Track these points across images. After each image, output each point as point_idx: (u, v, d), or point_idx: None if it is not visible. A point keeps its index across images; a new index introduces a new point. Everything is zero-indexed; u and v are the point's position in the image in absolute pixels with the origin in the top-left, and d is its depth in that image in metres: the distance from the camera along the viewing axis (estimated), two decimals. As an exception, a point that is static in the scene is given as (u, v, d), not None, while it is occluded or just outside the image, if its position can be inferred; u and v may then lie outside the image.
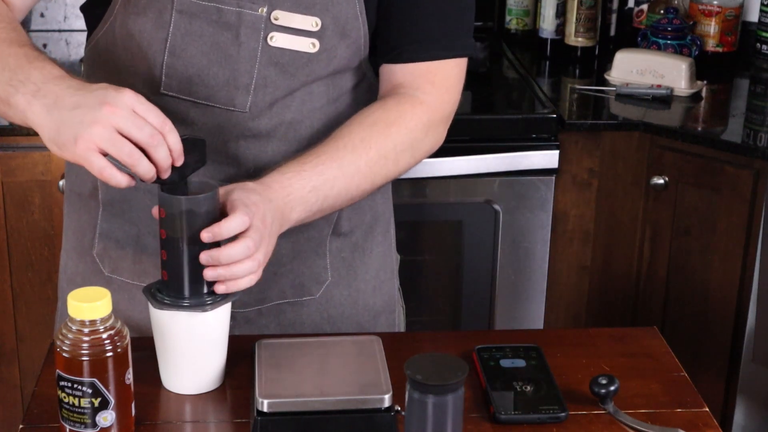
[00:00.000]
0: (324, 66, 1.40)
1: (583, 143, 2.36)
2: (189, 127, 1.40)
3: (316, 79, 1.41)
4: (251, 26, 1.36)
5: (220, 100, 1.39)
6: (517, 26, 2.85)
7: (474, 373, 1.30)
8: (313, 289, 1.51)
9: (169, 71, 1.38)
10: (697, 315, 2.39)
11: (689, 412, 1.25)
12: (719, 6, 2.70)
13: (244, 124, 1.40)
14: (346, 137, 1.38)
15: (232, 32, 1.36)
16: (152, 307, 1.22)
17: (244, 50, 1.37)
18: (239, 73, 1.37)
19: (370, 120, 1.40)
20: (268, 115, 1.40)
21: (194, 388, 1.26)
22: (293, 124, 1.42)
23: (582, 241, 2.43)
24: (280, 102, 1.40)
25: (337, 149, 1.37)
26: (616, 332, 1.43)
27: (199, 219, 1.19)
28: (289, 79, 1.39)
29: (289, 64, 1.38)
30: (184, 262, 1.20)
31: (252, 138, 1.41)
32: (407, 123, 1.42)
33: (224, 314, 1.24)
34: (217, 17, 1.36)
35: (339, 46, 1.40)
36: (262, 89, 1.39)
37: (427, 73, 1.44)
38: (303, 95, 1.42)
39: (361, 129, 1.39)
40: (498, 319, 2.46)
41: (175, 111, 1.38)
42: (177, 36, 1.36)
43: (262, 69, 1.38)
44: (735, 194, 2.26)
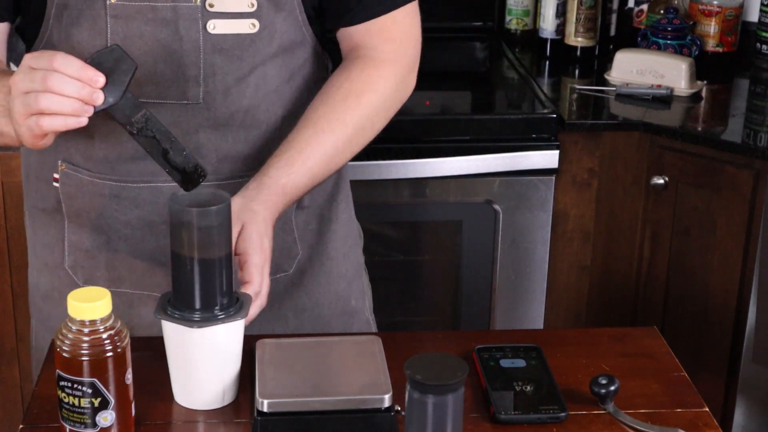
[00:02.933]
0: (267, 44, 1.41)
1: (583, 143, 2.36)
2: None
3: (264, 59, 1.42)
4: (188, 18, 1.37)
5: (172, 96, 1.39)
6: (517, 26, 2.85)
7: (474, 373, 1.30)
8: (286, 265, 1.53)
9: None
10: (697, 315, 2.39)
11: (689, 412, 1.25)
12: (719, 6, 2.70)
13: (201, 115, 1.41)
14: (322, 119, 1.41)
15: (170, 27, 1.37)
16: (162, 320, 1.21)
17: (186, 43, 1.37)
18: (186, 66, 1.38)
19: (340, 94, 1.43)
20: (224, 104, 1.41)
21: (205, 403, 1.24)
22: (250, 110, 1.43)
23: (582, 241, 2.43)
24: (234, 89, 1.41)
25: (316, 133, 1.40)
26: (616, 332, 1.43)
27: (211, 231, 1.18)
28: (236, 62, 1.40)
29: (233, 48, 1.39)
30: (195, 276, 1.19)
31: (210, 128, 1.42)
32: (376, 88, 1.45)
33: (236, 330, 1.23)
34: (152, 15, 1.36)
35: (276, 20, 1.41)
36: (211, 78, 1.39)
37: (382, 30, 1.46)
38: (257, 80, 1.42)
39: (334, 106, 1.42)
40: (498, 319, 2.45)
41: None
42: (116, 41, 1.36)
43: (208, 58, 1.38)
44: (735, 194, 2.26)
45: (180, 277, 1.20)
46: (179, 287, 1.20)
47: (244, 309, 1.22)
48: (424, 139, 2.28)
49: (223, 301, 1.21)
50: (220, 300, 1.20)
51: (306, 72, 1.49)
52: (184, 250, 1.18)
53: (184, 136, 1.41)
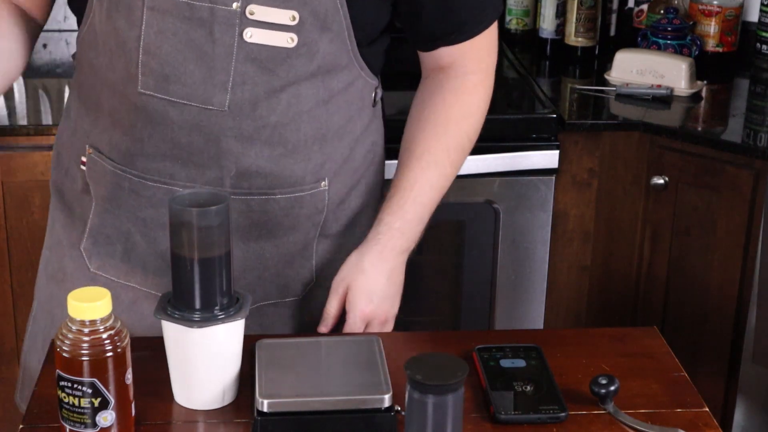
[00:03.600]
0: (306, 62, 1.37)
1: (583, 143, 2.36)
2: (168, 126, 1.38)
3: (300, 77, 1.38)
4: (225, 22, 1.33)
5: (198, 99, 1.36)
6: (517, 26, 2.85)
7: (474, 373, 1.30)
8: (298, 291, 1.51)
9: (145, 69, 1.35)
10: (697, 315, 2.39)
11: (689, 412, 1.25)
12: (719, 6, 2.70)
13: (224, 124, 1.38)
14: (426, 153, 1.46)
15: (205, 29, 1.33)
16: (162, 320, 1.21)
17: (219, 47, 1.34)
18: (215, 71, 1.35)
19: (440, 124, 1.46)
20: (251, 116, 1.38)
21: (205, 403, 1.24)
22: (278, 126, 1.39)
23: (582, 241, 2.43)
24: (263, 103, 1.38)
25: (422, 169, 1.46)
26: (616, 332, 1.43)
27: (211, 231, 1.18)
28: (268, 75, 1.36)
29: (267, 61, 1.35)
30: (195, 275, 1.19)
31: (233, 139, 1.38)
32: (473, 111, 1.50)
33: (236, 330, 1.22)
34: (189, 14, 1.33)
35: (320, 40, 1.36)
36: (240, 87, 1.36)
37: (470, 50, 1.47)
38: (289, 97, 1.38)
39: (436, 137, 1.45)
40: (498, 319, 2.45)
41: (153, 110, 1.37)
42: (150, 34, 1.34)
43: (239, 66, 1.35)
44: (735, 194, 2.26)
45: (180, 277, 1.20)
46: (179, 287, 1.20)
47: (244, 309, 1.22)
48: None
49: (223, 301, 1.21)
50: (220, 300, 1.20)
51: (348, 97, 1.45)
52: (184, 250, 1.18)
53: (206, 142, 1.38)
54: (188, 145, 1.39)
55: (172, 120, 1.38)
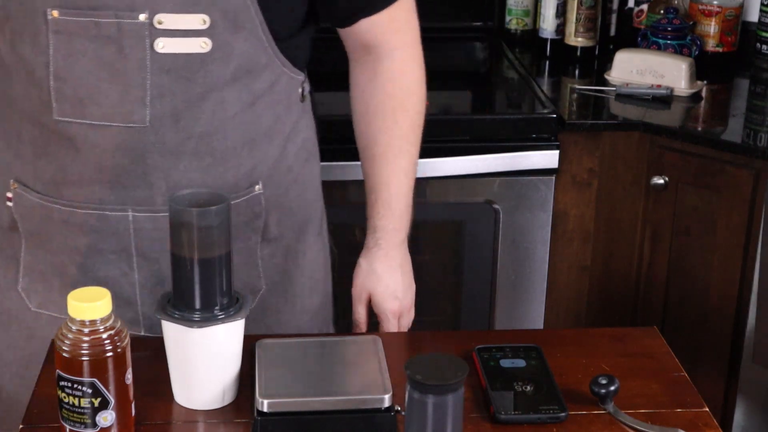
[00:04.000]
0: (222, 66, 1.33)
1: (583, 143, 2.36)
2: (91, 150, 1.34)
3: (219, 82, 1.34)
4: (134, 36, 1.28)
5: (117, 118, 1.32)
6: (517, 26, 2.84)
7: (474, 373, 1.30)
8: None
9: (58, 96, 1.31)
10: (697, 315, 2.39)
11: (689, 412, 1.24)
12: (719, 6, 2.70)
13: (147, 140, 1.33)
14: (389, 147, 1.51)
15: (115, 45, 1.29)
16: (162, 320, 1.21)
17: (131, 62, 1.29)
18: (131, 87, 1.30)
19: (389, 115, 1.49)
20: (174, 128, 1.34)
21: (205, 403, 1.24)
22: (204, 136, 1.36)
23: (582, 241, 2.43)
24: (186, 114, 1.33)
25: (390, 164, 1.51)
26: (616, 332, 1.43)
27: (211, 231, 1.18)
28: (186, 84, 1.32)
29: (183, 69, 1.31)
30: (195, 276, 1.18)
31: (158, 154, 1.35)
32: (414, 90, 1.51)
33: (236, 330, 1.22)
34: (96, 32, 1.28)
35: (234, 40, 1.32)
36: (158, 100, 1.32)
37: (389, 23, 1.47)
38: (213, 105, 1.35)
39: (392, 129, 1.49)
40: (498, 319, 2.45)
41: (73, 135, 1.33)
42: (58, 58, 1.29)
43: (155, 78, 1.30)
44: (735, 194, 2.26)
45: (180, 277, 1.20)
46: (179, 287, 1.20)
47: (244, 309, 1.22)
48: (424, 139, 2.26)
49: (223, 301, 1.21)
50: (220, 300, 1.20)
51: (273, 97, 1.41)
52: (183, 250, 1.18)
53: (131, 162, 1.34)
54: (114, 167, 1.35)
55: (94, 143, 1.33)
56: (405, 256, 1.57)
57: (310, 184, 1.54)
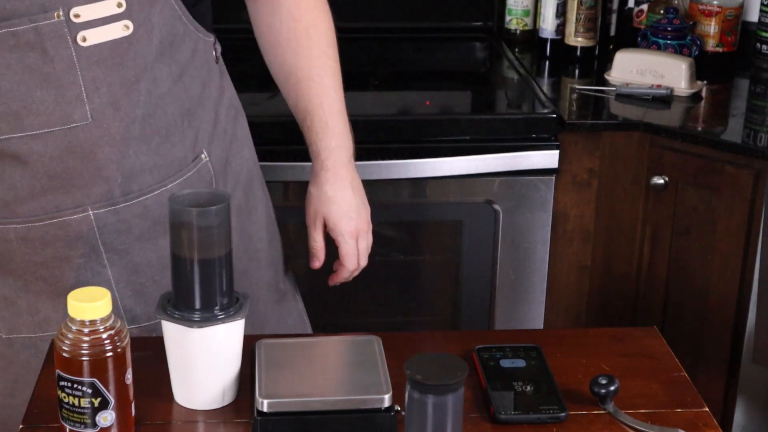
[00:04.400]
0: (147, 44, 1.31)
1: (583, 143, 2.36)
2: (37, 161, 1.31)
3: (148, 60, 1.32)
4: (54, 36, 1.24)
5: (58, 122, 1.28)
6: (517, 26, 2.85)
7: (474, 373, 1.30)
8: None
9: None
10: (697, 315, 2.39)
11: (689, 412, 1.24)
12: (719, 6, 2.70)
13: (94, 135, 1.31)
14: (311, 67, 1.50)
15: (37, 50, 1.24)
16: (162, 320, 1.21)
17: (59, 63, 1.25)
18: (64, 88, 1.27)
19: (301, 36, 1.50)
20: (116, 117, 1.31)
21: (205, 403, 1.24)
22: (146, 118, 1.34)
23: (582, 241, 2.43)
24: (124, 100, 1.31)
25: (315, 82, 1.50)
26: (616, 332, 1.43)
27: (211, 231, 1.18)
28: (118, 70, 1.29)
29: (111, 56, 1.28)
30: (195, 276, 1.18)
31: (108, 146, 1.32)
32: (319, 5, 1.53)
33: (236, 330, 1.22)
34: (14, 41, 1.24)
35: (152, 15, 1.31)
36: (95, 93, 1.29)
37: None
38: (147, 85, 1.33)
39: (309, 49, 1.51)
40: (498, 319, 2.45)
41: (16, 151, 1.30)
42: None
43: (86, 72, 1.27)
44: (735, 194, 2.26)
45: (180, 277, 1.20)
46: (179, 287, 1.20)
47: (244, 309, 1.22)
48: (424, 139, 2.28)
49: (223, 301, 1.21)
50: (219, 300, 1.20)
51: (196, 63, 1.41)
52: (183, 251, 1.18)
53: (81, 162, 1.31)
54: (65, 171, 1.32)
55: (40, 153, 1.30)
56: (354, 175, 1.56)
57: (244, 141, 1.56)
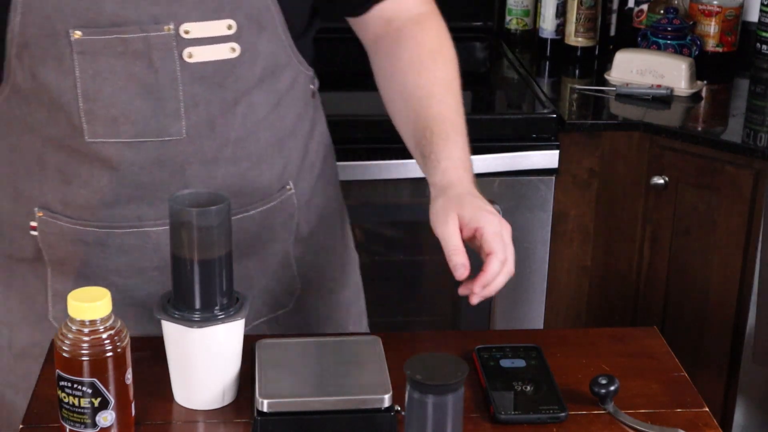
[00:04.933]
0: (250, 68, 1.33)
1: (583, 143, 2.36)
2: (127, 169, 1.32)
3: (249, 85, 1.34)
4: (162, 48, 1.27)
5: (152, 133, 1.30)
6: (517, 26, 2.85)
7: (474, 373, 1.30)
8: (286, 301, 1.49)
9: (89, 118, 1.29)
10: (697, 315, 2.39)
11: (689, 412, 1.25)
12: (719, 6, 2.70)
13: (185, 151, 1.32)
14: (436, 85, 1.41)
15: (144, 60, 1.27)
16: (162, 320, 1.21)
17: (162, 75, 1.28)
18: (164, 100, 1.29)
19: (426, 58, 1.43)
20: (210, 137, 1.33)
21: (205, 403, 1.24)
22: (238, 141, 1.35)
23: (582, 241, 2.43)
24: (219, 120, 1.33)
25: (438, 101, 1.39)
26: (616, 332, 1.43)
27: (211, 231, 1.17)
28: (218, 91, 1.31)
29: (214, 76, 1.30)
30: (195, 276, 1.18)
31: (198, 164, 1.34)
32: (443, 34, 1.46)
33: (236, 330, 1.22)
34: (123, 48, 1.26)
35: (259, 42, 1.32)
36: (193, 110, 1.31)
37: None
38: (244, 109, 1.34)
39: (426, 71, 1.42)
40: (498, 319, 2.45)
41: (107, 156, 1.31)
42: (86, 80, 1.26)
43: (187, 89, 1.29)
44: (735, 194, 2.26)
45: (180, 277, 1.20)
46: (179, 287, 1.20)
47: (244, 309, 1.22)
48: (424, 139, 2.28)
49: (223, 301, 1.21)
50: (219, 300, 1.20)
51: (294, 95, 1.42)
52: (183, 250, 1.18)
53: (170, 176, 1.33)
54: (152, 183, 1.33)
55: (131, 161, 1.32)
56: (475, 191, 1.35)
57: (331, 179, 1.54)
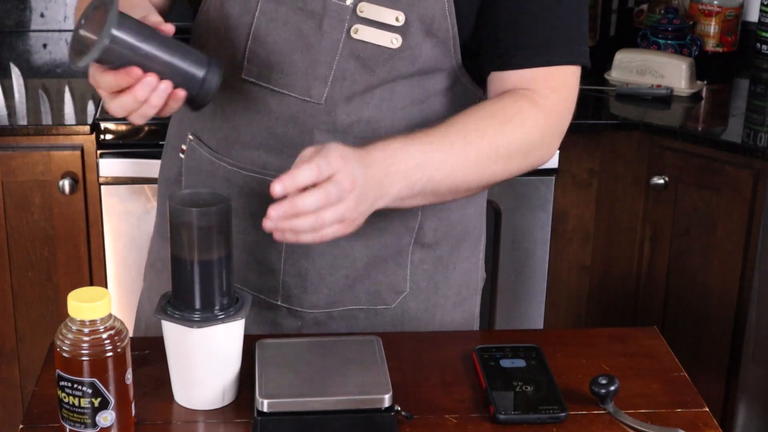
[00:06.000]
0: (407, 64, 1.36)
1: (583, 143, 2.36)
2: (266, 115, 1.39)
3: (398, 77, 1.37)
4: (336, 16, 1.34)
5: (297, 90, 1.37)
6: (517, 26, 2.84)
7: (474, 373, 1.30)
8: (389, 299, 1.47)
9: (251, 56, 1.37)
10: (697, 315, 2.39)
11: (689, 412, 1.25)
12: (719, 6, 2.71)
13: (320, 117, 1.37)
14: (459, 124, 1.31)
15: (315, 21, 1.34)
16: (162, 320, 1.21)
17: (326, 40, 1.34)
18: (319, 63, 1.35)
19: (485, 112, 1.34)
20: (345, 110, 1.37)
21: (205, 403, 1.24)
22: (371, 122, 1.38)
23: (582, 241, 2.43)
24: (358, 97, 1.37)
25: (448, 134, 1.30)
26: (616, 332, 1.43)
27: (211, 231, 1.17)
28: (368, 74, 1.36)
29: (369, 59, 1.35)
30: (195, 276, 1.18)
31: (327, 132, 1.38)
32: (524, 122, 1.33)
33: (236, 330, 1.22)
34: (302, 4, 1.34)
35: (423, 44, 1.35)
36: (340, 82, 1.36)
37: (546, 77, 1.35)
38: (383, 93, 1.38)
39: (476, 119, 1.33)
40: (498, 319, 2.45)
41: (253, 98, 1.39)
42: (262, 21, 1.35)
43: (342, 61, 1.35)
44: (735, 194, 2.26)
45: (180, 277, 1.20)
46: (179, 287, 1.20)
47: (244, 309, 1.22)
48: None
49: (222, 302, 1.21)
50: (219, 300, 1.20)
51: (446, 99, 1.41)
52: (183, 250, 1.18)
53: (301, 134, 1.38)
54: (283, 136, 1.39)
55: (270, 109, 1.38)
56: (370, 201, 1.23)
57: (473, 200, 1.50)
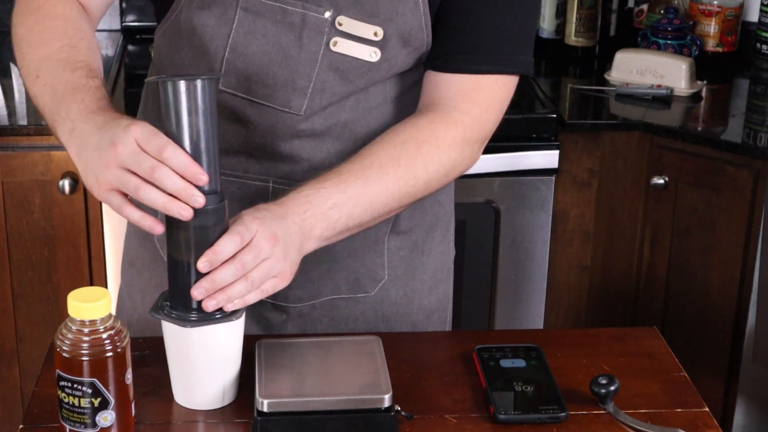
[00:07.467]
0: (384, 74, 1.39)
1: (583, 143, 2.36)
2: (244, 125, 1.39)
3: (375, 83, 1.40)
4: (315, 29, 1.34)
5: (277, 101, 1.37)
6: (517, 26, 2.84)
7: (474, 373, 1.30)
8: (369, 287, 1.50)
9: (228, 68, 1.37)
10: (697, 315, 2.39)
11: (689, 412, 1.25)
12: (719, 6, 2.71)
13: (297, 126, 1.39)
14: (373, 155, 1.34)
15: (295, 33, 1.35)
16: (162, 320, 1.21)
17: (306, 53, 1.35)
18: (298, 76, 1.36)
19: (400, 138, 1.36)
20: (322, 116, 1.39)
21: (205, 403, 1.24)
22: (348, 124, 1.41)
23: (582, 241, 2.43)
24: (334, 104, 1.39)
25: (362, 167, 1.32)
26: (616, 332, 1.44)
27: (207, 231, 1.18)
28: (347, 85, 1.38)
29: (348, 71, 1.37)
30: (192, 276, 1.18)
31: (306, 138, 1.40)
32: (439, 142, 1.36)
33: (236, 330, 1.22)
34: (281, 17, 1.34)
35: (400, 54, 1.38)
36: (319, 94, 1.37)
37: (471, 89, 1.37)
38: (358, 96, 1.40)
39: (391, 147, 1.35)
40: (498, 319, 2.45)
41: (231, 108, 1.39)
42: (240, 33, 1.35)
43: (322, 73, 1.36)
44: (735, 194, 2.26)
45: (177, 277, 1.20)
46: (176, 287, 1.20)
47: (243, 309, 1.22)
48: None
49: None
50: None
51: (418, 91, 1.43)
52: (180, 250, 1.18)
53: (279, 141, 1.40)
54: (261, 144, 1.41)
55: (248, 119, 1.39)
56: (295, 250, 1.24)
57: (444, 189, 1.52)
